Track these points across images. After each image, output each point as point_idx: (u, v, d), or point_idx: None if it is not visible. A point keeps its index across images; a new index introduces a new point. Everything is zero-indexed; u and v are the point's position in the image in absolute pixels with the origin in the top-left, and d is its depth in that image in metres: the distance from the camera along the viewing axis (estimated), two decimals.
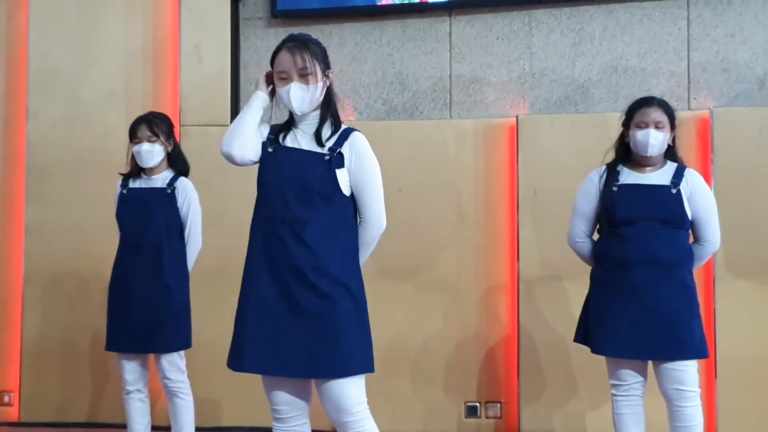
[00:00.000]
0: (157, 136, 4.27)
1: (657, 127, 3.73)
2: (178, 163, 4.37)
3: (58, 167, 5.51)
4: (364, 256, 3.15)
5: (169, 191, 4.26)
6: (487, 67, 5.41)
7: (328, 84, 3.10)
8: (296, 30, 3.28)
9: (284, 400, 3.07)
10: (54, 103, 5.57)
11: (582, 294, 3.91)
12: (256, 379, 3.08)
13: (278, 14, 5.53)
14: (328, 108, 3.11)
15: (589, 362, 4.45)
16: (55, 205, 5.50)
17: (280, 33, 5.45)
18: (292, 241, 2.97)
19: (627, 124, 3.83)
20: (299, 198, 3.00)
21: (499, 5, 5.39)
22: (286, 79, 3.04)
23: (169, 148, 4.33)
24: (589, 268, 3.91)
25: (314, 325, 2.95)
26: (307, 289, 2.96)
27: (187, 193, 4.28)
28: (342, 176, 3.03)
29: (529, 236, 5.07)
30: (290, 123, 3.13)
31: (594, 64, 5.32)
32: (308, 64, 3.02)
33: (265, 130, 3.15)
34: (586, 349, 3.86)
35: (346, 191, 3.05)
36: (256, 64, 5.56)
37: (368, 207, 3.09)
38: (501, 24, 5.41)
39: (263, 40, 5.59)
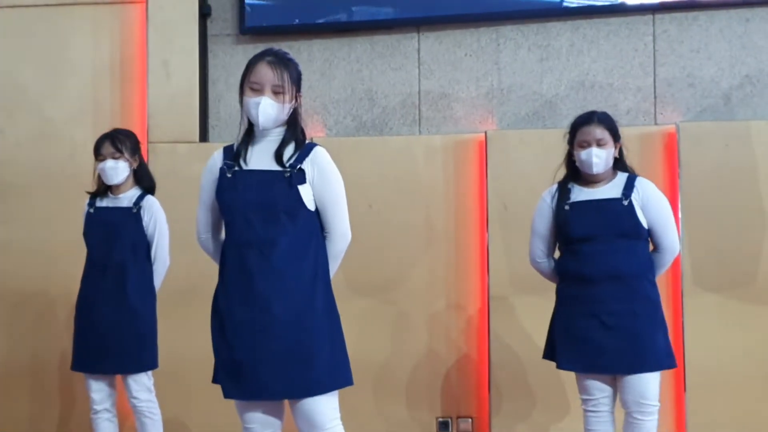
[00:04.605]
0: (121, 152, 4.23)
1: (599, 144, 3.72)
2: (143, 180, 4.33)
3: (25, 185, 5.46)
4: (333, 269, 3.15)
5: (134, 210, 4.22)
6: (455, 83, 5.43)
7: (296, 106, 3.09)
8: (265, 47, 3.26)
9: (257, 419, 3.07)
10: (21, 121, 5.52)
11: (552, 308, 3.92)
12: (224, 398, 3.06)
13: (247, 31, 5.52)
14: (294, 129, 3.09)
15: (559, 377, 4.47)
16: (22, 224, 5.43)
17: (248, 49, 5.44)
18: (260, 264, 2.96)
19: (571, 142, 3.83)
20: (265, 219, 2.98)
21: (467, 21, 5.41)
22: (258, 91, 3.02)
23: (135, 165, 4.29)
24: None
25: (287, 345, 2.95)
26: (277, 311, 2.95)
27: (153, 212, 4.24)
28: (305, 192, 3.02)
29: (498, 251, 5.08)
30: (248, 141, 3.10)
31: (561, 79, 5.36)
32: (284, 83, 3.02)
33: (219, 156, 3.12)
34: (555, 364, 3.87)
35: (311, 206, 3.04)
36: (225, 81, 5.54)
37: (333, 221, 3.09)
38: (469, 40, 5.44)
39: (231, 56, 5.58)
